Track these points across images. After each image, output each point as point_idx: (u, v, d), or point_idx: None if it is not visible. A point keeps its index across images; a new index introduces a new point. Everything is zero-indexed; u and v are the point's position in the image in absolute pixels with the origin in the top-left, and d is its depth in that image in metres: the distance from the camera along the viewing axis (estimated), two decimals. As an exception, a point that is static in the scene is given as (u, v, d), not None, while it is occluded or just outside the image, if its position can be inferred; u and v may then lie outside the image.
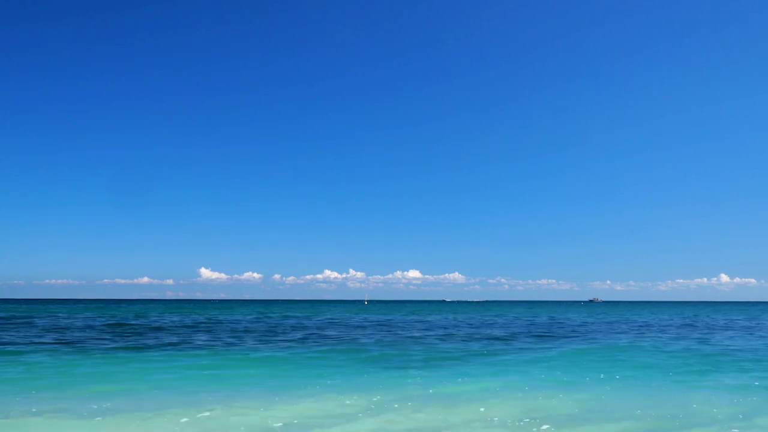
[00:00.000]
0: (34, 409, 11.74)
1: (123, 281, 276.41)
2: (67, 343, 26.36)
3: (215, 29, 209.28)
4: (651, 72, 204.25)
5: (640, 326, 44.55)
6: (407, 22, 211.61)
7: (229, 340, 29.08)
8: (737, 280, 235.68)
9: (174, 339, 29.26)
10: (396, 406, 12.11)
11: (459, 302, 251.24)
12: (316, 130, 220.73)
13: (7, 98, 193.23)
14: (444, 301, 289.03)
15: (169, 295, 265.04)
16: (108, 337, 30.67)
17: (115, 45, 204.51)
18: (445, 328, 40.21)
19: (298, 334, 33.18)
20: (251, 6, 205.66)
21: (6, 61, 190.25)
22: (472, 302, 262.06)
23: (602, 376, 16.50)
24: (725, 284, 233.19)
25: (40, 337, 30.10)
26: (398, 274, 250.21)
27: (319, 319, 56.26)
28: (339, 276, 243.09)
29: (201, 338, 30.13)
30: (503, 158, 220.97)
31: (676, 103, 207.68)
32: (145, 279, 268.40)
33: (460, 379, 15.88)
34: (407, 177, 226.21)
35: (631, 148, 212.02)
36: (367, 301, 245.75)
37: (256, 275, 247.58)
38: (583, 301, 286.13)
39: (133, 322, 44.79)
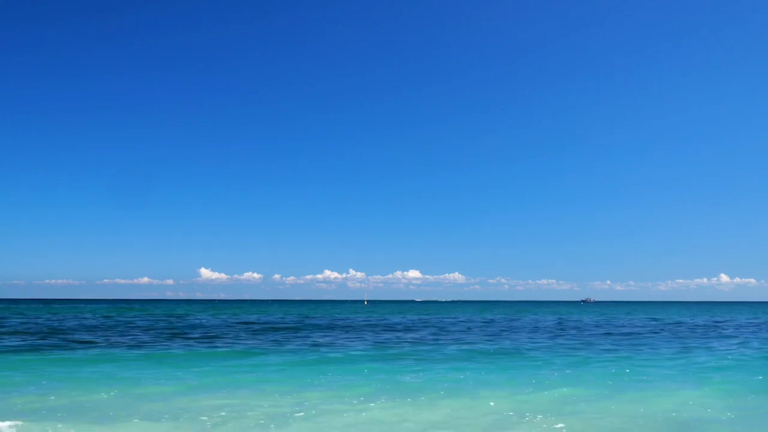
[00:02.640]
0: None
1: (123, 281, 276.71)
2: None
3: (215, 29, 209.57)
4: (651, 72, 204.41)
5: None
6: (407, 22, 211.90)
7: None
8: (737, 280, 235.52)
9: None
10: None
11: (429, 302, 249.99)
12: (316, 130, 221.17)
13: (7, 98, 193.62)
14: (414, 300, 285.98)
15: (169, 295, 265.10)
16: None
17: (115, 45, 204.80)
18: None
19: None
20: (251, 6, 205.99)
21: (6, 61, 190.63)
22: (443, 302, 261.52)
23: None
24: (725, 284, 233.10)
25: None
26: (398, 274, 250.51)
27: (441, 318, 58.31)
28: (339, 276, 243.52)
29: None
30: (503, 158, 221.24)
31: (676, 103, 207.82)
32: (145, 279, 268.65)
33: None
34: (407, 177, 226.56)
35: (631, 148, 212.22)
36: (367, 301, 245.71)
37: (256, 275, 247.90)
38: (582, 301, 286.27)
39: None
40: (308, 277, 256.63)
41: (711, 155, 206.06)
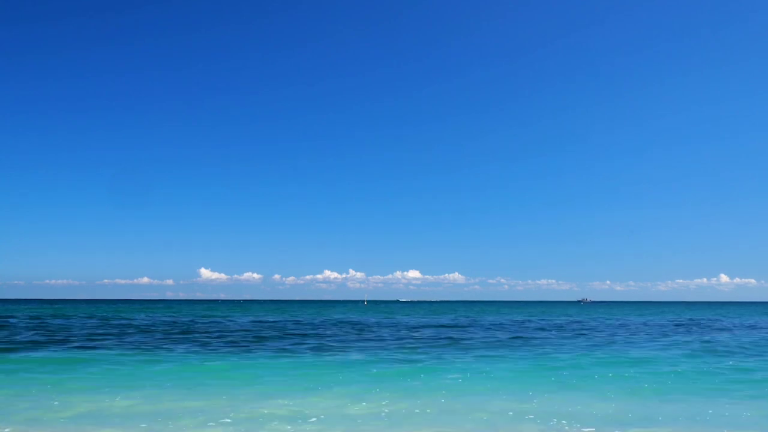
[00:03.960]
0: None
1: (123, 281, 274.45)
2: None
3: (215, 29, 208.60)
4: (651, 72, 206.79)
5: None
6: (407, 22, 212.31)
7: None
8: (737, 280, 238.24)
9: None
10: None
11: (416, 302, 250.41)
12: (316, 130, 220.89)
13: (7, 98, 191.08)
14: (398, 301, 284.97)
15: (169, 296, 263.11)
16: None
17: (115, 45, 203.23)
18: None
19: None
20: (251, 6, 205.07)
21: (6, 61, 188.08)
22: (429, 302, 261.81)
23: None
24: (725, 284, 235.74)
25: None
26: (398, 274, 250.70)
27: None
28: (339, 276, 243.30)
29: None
30: (503, 158, 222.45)
31: (676, 103, 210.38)
32: (145, 279, 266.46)
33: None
34: (407, 177, 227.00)
35: (631, 148, 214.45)
36: (367, 301, 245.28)
37: (256, 275, 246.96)
38: (579, 301, 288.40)
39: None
40: (308, 277, 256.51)
41: (711, 155, 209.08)
